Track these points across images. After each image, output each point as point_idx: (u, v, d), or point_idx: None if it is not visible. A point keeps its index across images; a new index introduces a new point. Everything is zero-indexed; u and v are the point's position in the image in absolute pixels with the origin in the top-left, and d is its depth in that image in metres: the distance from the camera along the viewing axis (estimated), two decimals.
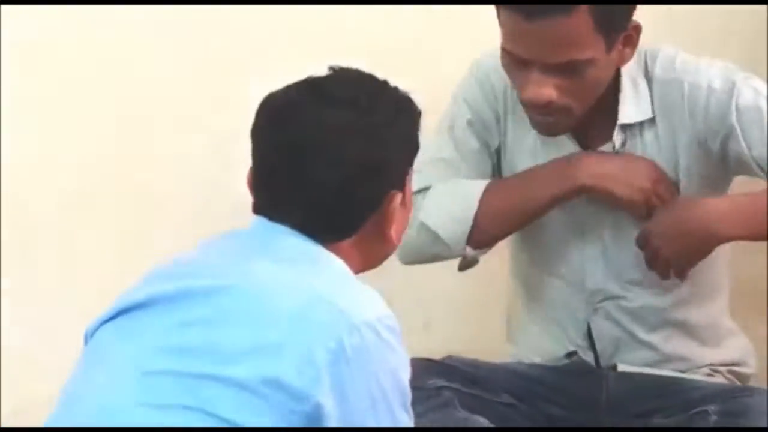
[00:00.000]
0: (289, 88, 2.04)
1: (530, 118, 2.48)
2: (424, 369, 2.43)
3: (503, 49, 2.39)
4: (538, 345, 2.71)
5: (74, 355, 2.11)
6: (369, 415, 1.86)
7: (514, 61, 2.39)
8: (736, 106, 2.46)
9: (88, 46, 3.30)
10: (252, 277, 1.95)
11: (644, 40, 2.67)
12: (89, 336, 2.04)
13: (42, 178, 3.25)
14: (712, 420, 2.43)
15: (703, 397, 2.48)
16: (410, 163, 2.09)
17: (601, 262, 2.60)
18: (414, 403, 1.93)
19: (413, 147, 2.08)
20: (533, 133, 2.58)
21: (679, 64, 2.54)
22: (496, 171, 2.72)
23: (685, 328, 2.60)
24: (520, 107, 2.56)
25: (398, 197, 2.00)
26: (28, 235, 3.24)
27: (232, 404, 1.80)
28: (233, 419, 1.79)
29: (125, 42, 3.32)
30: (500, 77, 2.59)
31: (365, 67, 2.21)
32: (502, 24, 2.37)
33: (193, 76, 3.28)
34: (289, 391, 1.78)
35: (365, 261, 2.08)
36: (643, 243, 2.47)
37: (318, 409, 1.79)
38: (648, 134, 2.53)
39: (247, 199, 2.22)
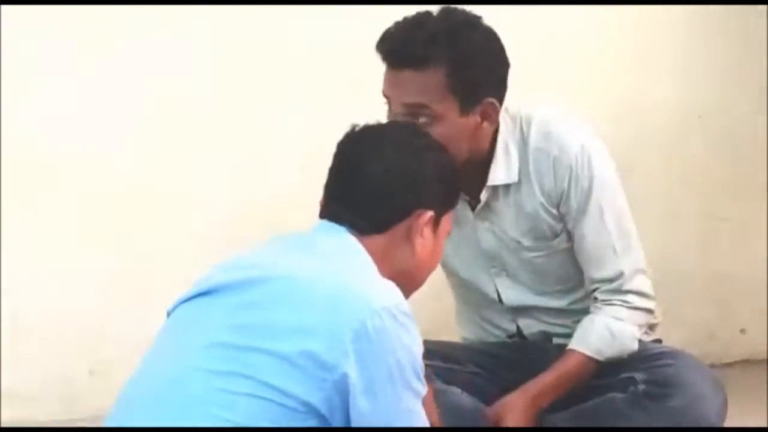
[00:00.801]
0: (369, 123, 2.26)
1: None
2: None
3: (383, 92, 2.56)
4: (480, 336, 2.88)
5: (144, 326, 2.36)
6: (387, 384, 1.98)
7: (387, 102, 2.51)
8: (592, 192, 2.61)
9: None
10: (297, 270, 2.06)
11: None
12: (170, 313, 2.19)
13: (110, 185, 3.49)
14: (641, 389, 2.56)
15: (629, 363, 2.61)
16: (443, 203, 2.21)
17: (509, 283, 2.74)
18: None
19: (449, 191, 2.23)
20: None
21: (553, 134, 2.63)
22: None
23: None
24: None
25: (426, 216, 2.13)
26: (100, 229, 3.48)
27: (275, 372, 1.93)
28: (275, 384, 1.92)
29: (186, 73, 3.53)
30: None
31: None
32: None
33: (226, 94, 3.51)
34: (321, 363, 1.91)
35: (392, 265, 2.17)
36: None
37: (344, 378, 1.92)
38: (512, 195, 2.65)
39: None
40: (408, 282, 2.17)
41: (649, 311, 2.69)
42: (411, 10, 2.81)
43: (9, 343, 3.53)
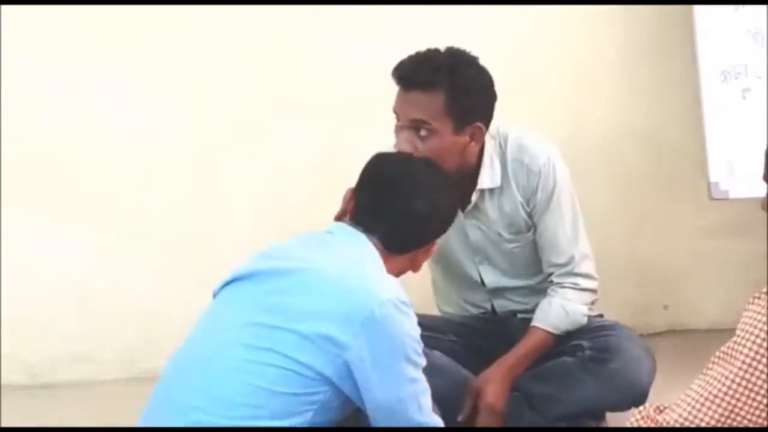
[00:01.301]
0: (402, 159, 2.47)
1: None
2: None
3: (393, 109, 2.75)
4: (459, 311, 3.07)
5: (192, 300, 2.54)
6: (393, 359, 2.19)
7: (396, 117, 2.71)
8: (554, 193, 2.83)
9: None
10: (320, 264, 2.25)
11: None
12: (216, 293, 2.37)
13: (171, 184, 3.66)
14: (587, 354, 2.80)
15: (577, 333, 2.85)
16: (437, 233, 2.43)
17: (490, 269, 2.97)
18: None
19: (444, 225, 2.44)
20: None
21: (525, 146, 2.87)
22: None
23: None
24: None
25: (434, 247, 2.42)
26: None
27: (297, 348, 2.12)
28: (297, 357, 2.12)
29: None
30: None
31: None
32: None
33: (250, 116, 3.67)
34: (336, 343, 2.11)
35: (397, 270, 2.38)
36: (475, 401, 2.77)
37: (355, 356, 2.13)
38: (495, 197, 2.88)
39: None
40: (402, 274, 2.42)
41: (594, 291, 2.88)
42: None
43: (77, 315, 3.65)
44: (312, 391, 2.14)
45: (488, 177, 2.84)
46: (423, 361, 2.26)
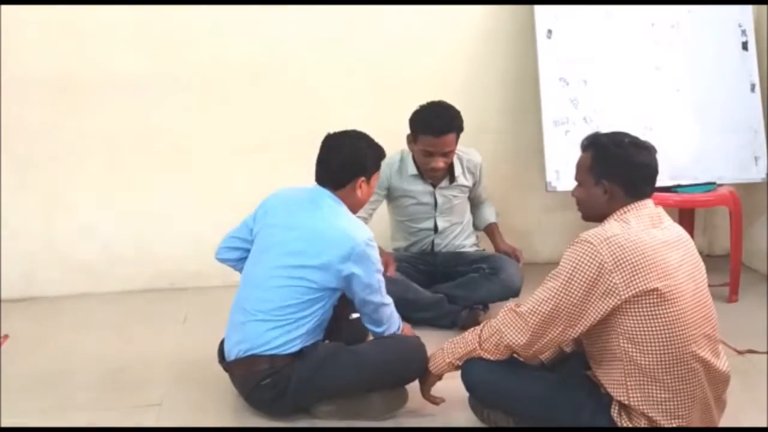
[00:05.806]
0: (336, 132, 2.84)
1: (428, 174, 3.72)
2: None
3: (424, 150, 3.58)
4: (407, 244, 3.93)
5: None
6: (373, 271, 2.71)
7: (428, 153, 3.58)
8: (481, 174, 3.90)
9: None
10: (313, 222, 2.71)
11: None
12: (256, 217, 2.87)
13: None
14: (486, 271, 3.69)
15: (479, 259, 3.80)
16: (372, 170, 2.84)
17: (439, 217, 3.86)
18: None
19: (377, 163, 2.88)
20: (409, 178, 3.77)
21: (471, 154, 3.84)
22: (391, 196, 3.86)
23: (463, 230, 3.94)
24: (402, 171, 3.79)
25: (362, 179, 2.80)
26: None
27: (314, 274, 2.66)
28: (315, 279, 2.65)
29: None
30: (387, 165, 3.68)
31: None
32: (421, 139, 3.57)
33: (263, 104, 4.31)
34: (338, 269, 2.66)
35: (350, 204, 2.79)
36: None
37: (348, 274, 2.67)
38: (460, 178, 3.82)
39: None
40: (358, 208, 2.86)
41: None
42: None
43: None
44: (321, 295, 2.71)
45: (456, 168, 3.83)
46: (381, 266, 2.80)
